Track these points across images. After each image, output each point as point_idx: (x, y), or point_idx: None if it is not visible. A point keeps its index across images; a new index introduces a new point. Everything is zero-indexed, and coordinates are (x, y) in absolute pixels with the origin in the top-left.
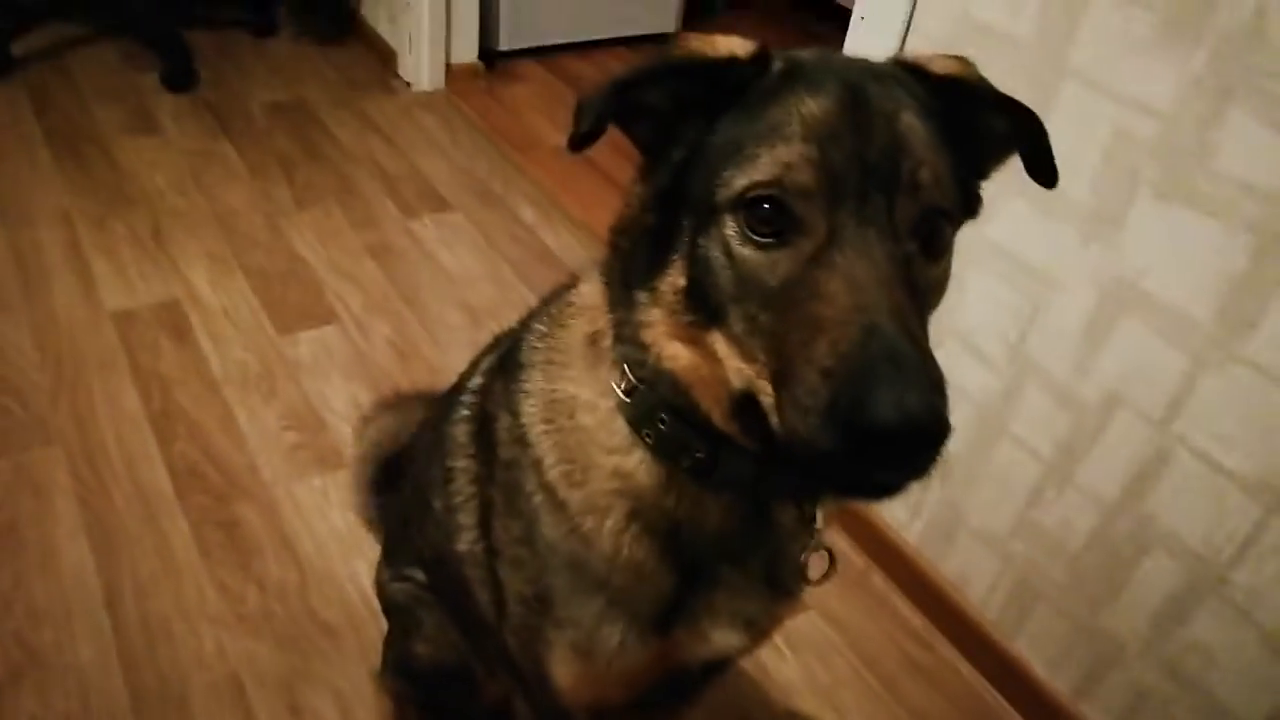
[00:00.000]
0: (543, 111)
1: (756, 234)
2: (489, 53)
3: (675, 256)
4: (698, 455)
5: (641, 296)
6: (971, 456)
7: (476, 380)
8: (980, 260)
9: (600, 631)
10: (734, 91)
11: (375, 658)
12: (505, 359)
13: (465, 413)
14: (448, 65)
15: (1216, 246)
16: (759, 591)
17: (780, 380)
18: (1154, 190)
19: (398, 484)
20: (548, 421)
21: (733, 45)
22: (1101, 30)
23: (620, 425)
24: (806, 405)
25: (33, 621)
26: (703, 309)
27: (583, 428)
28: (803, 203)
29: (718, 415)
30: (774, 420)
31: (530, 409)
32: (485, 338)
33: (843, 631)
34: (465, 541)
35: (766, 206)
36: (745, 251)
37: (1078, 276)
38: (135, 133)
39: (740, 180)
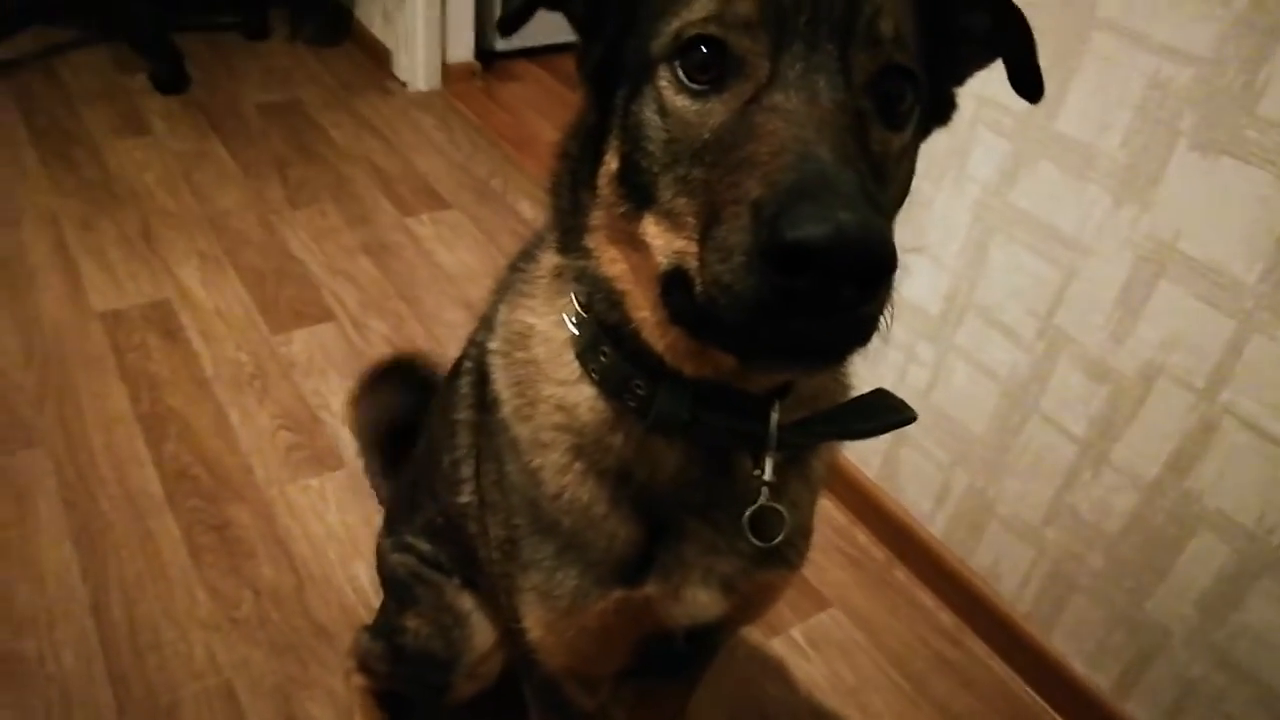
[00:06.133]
0: (540, 110)
1: (694, 82)
2: (486, 53)
3: (610, 138)
4: (639, 392)
5: (585, 197)
6: (1000, 440)
7: (483, 333)
8: (1005, 228)
9: (556, 575)
10: None
11: None
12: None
13: (469, 364)
14: (444, 65)
15: (1263, 198)
16: (734, 550)
17: (707, 233)
18: (1192, 142)
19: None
20: (505, 355)
21: None
22: None
23: (570, 357)
24: (730, 244)
25: (13, 629)
26: (634, 194)
27: (534, 359)
28: (745, 38)
29: (648, 315)
30: (698, 284)
31: (494, 342)
32: None
33: (867, 629)
34: (466, 494)
35: (704, 50)
36: (679, 101)
37: (1111, 241)
38: (124, 134)
39: (675, 23)
